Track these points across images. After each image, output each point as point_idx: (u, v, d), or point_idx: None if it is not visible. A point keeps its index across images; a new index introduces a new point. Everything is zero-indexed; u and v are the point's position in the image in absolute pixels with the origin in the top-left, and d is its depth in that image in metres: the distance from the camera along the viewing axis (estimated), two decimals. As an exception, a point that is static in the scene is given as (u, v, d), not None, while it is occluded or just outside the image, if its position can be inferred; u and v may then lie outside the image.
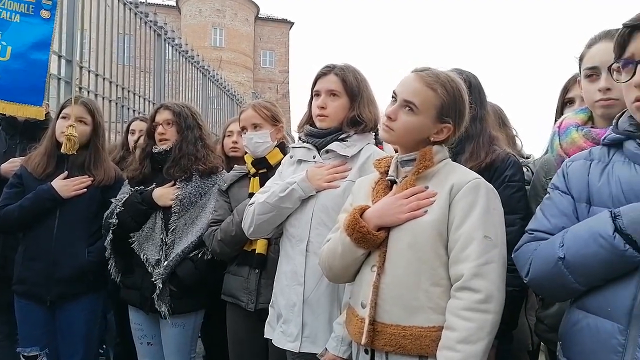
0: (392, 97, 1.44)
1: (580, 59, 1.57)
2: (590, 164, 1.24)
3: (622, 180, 1.14)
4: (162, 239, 2.30)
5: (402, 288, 1.31)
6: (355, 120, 1.85)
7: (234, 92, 9.02)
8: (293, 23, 33.75)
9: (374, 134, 1.91)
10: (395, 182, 1.46)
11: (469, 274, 1.22)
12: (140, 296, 2.32)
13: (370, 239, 1.37)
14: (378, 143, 1.94)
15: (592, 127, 1.56)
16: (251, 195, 2.13)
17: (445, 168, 1.41)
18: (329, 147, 1.84)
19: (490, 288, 1.21)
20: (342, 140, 1.84)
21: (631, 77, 1.11)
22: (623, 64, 1.13)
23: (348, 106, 1.86)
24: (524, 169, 2.31)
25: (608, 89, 1.44)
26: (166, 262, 2.26)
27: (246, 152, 2.35)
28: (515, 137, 2.38)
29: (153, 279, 2.26)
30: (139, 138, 3.10)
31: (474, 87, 1.94)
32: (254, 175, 2.25)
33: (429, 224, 1.31)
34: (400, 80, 1.45)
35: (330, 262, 1.48)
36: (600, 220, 1.10)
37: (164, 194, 2.34)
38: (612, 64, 1.17)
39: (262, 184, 2.07)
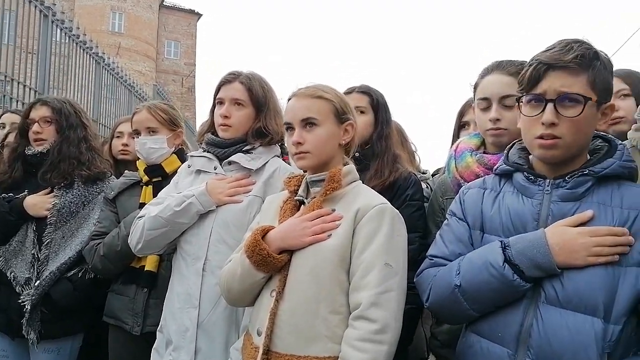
0: (287, 129, 1.42)
1: (475, 87, 1.65)
2: (484, 192, 1.29)
3: (511, 210, 1.19)
4: (33, 254, 2.01)
5: (300, 315, 1.26)
6: (260, 132, 1.77)
7: (133, 82, 8.40)
8: (201, 15, 32.59)
9: (279, 146, 1.85)
10: (304, 203, 1.41)
11: (367, 303, 1.20)
12: (6, 319, 2.01)
13: (271, 262, 1.31)
14: None
15: (484, 153, 1.64)
16: (142, 205, 1.94)
17: (353, 191, 1.39)
18: (231, 158, 1.74)
19: (387, 318, 1.20)
20: (247, 152, 1.76)
21: (539, 113, 1.14)
22: (533, 98, 1.16)
23: (253, 116, 1.77)
24: (424, 185, 2.41)
25: (498, 119, 1.51)
26: (38, 282, 1.98)
27: (138, 157, 2.14)
28: (415, 153, 2.46)
29: (21, 300, 1.97)
30: (7, 134, 2.69)
31: (381, 105, 1.98)
32: (147, 184, 2.06)
33: (332, 248, 1.28)
34: (285, 110, 1.44)
35: (230, 284, 1.40)
36: (492, 250, 1.15)
37: (37, 203, 2.05)
38: (522, 95, 1.19)
39: (155, 194, 1.90)
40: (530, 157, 1.25)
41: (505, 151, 1.32)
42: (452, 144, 1.90)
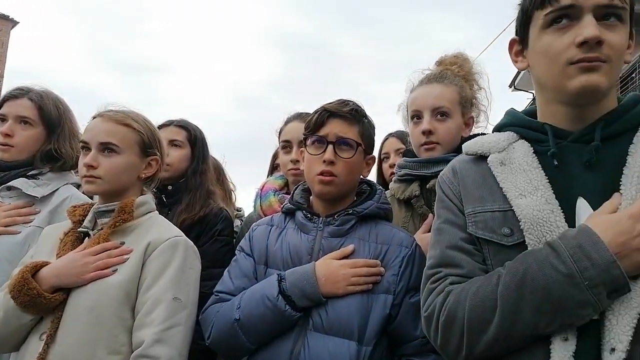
0: (83, 147, 1.34)
1: (280, 132, 1.87)
2: (271, 229, 1.37)
3: (291, 245, 1.29)
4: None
5: (72, 359, 1.15)
6: (51, 155, 1.61)
7: None
8: (17, 22, 28.68)
9: (74, 172, 1.68)
10: (89, 235, 1.30)
11: (151, 340, 1.16)
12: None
13: (42, 303, 1.17)
14: None
15: (286, 193, 1.79)
16: None
17: (147, 222, 1.33)
18: (11, 183, 1.54)
19: (171, 354, 1.17)
20: (32, 177, 1.57)
21: (321, 153, 1.28)
22: (317, 139, 1.30)
23: (43, 138, 1.61)
24: (237, 222, 2.44)
25: (297, 161, 1.69)
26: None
27: None
28: (232, 192, 2.49)
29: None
30: None
31: (199, 140, 1.99)
32: None
33: (117, 284, 1.20)
34: (86, 128, 1.37)
35: None
36: (269, 283, 1.22)
37: None
38: (307, 137, 1.34)
39: None
40: (311, 197, 1.39)
41: (292, 191, 1.43)
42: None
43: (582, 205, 0.88)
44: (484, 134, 1.53)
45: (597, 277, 0.78)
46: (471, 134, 1.57)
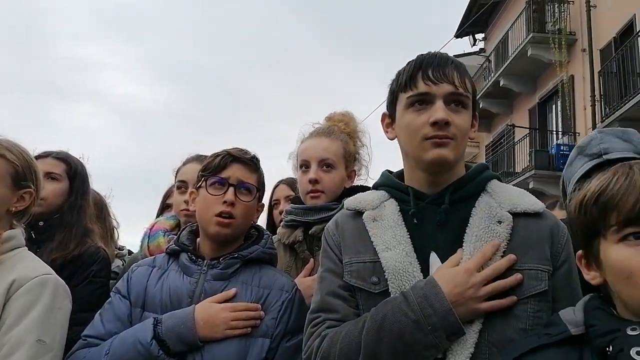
0: None
1: (177, 172, 1.90)
2: (152, 270, 1.34)
3: (171, 288, 1.28)
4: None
5: None
6: None
7: None
8: None
9: None
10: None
11: None
12: None
13: None
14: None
15: (176, 234, 1.73)
16: None
17: (13, 258, 1.23)
18: None
19: None
20: None
21: (222, 194, 1.31)
22: (217, 181, 1.33)
23: None
24: (119, 262, 2.31)
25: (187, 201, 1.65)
26: None
27: None
28: (115, 229, 2.36)
29: None
30: None
31: (79, 174, 1.89)
32: None
33: None
34: None
35: None
36: (144, 328, 1.19)
37: None
38: (207, 178, 1.34)
39: None
40: (198, 239, 1.39)
41: (179, 233, 1.43)
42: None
43: (433, 259, 1.03)
44: (365, 186, 1.68)
45: (437, 323, 0.91)
46: (353, 185, 1.71)
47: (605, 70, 9.10)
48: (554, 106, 12.18)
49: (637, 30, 8.30)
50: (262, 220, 2.60)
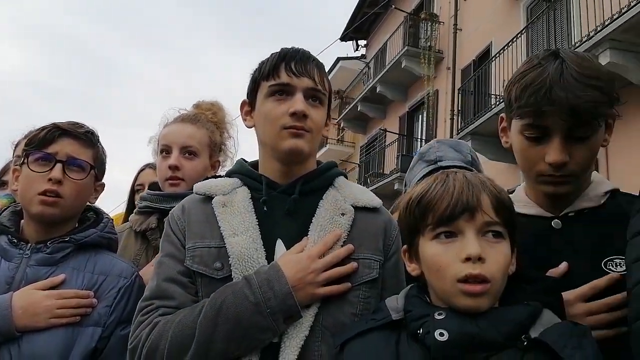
0: None
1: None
2: None
3: None
4: None
5: None
6: None
7: None
8: None
9: None
10: None
11: None
12: None
13: None
14: None
15: None
16: None
17: None
18: None
19: None
20: None
21: (47, 171, 1.19)
22: (43, 157, 1.21)
23: None
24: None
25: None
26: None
27: None
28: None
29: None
30: None
31: None
32: None
33: None
34: None
35: None
36: None
37: None
38: (29, 154, 1.22)
39: None
40: (22, 221, 1.27)
41: None
42: None
43: (279, 246, 1.05)
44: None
45: (276, 306, 0.94)
46: (216, 175, 1.69)
47: (464, 88, 10.16)
48: (420, 116, 13.33)
49: (492, 55, 9.40)
50: (123, 205, 2.46)
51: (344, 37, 17.24)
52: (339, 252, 1.03)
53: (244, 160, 1.23)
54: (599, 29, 6.13)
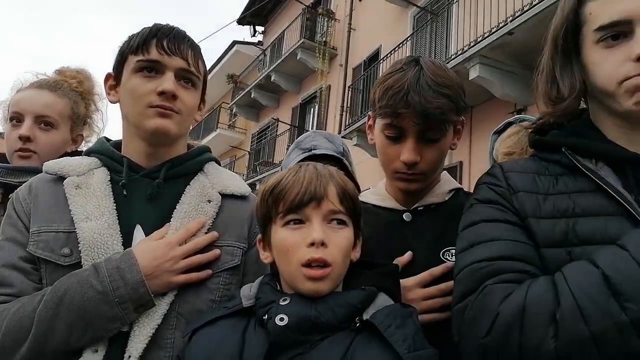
0: None
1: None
2: None
3: None
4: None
5: None
6: None
7: None
8: None
9: None
10: None
11: None
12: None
13: None
14: None
15: None
16: None
17: None
18: None
19: None
20: None
21: None
22: None
23: None
24: None
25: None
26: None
27: None
28: None
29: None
30: None
31: None
32: None
33: None
34: None
35: None
36: None
37: None
38: None
39: None
40: None
41: None
42: None
43: (138, 233, 1.01)
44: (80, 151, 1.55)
45: (126, 295, 0.90)
46: (77, 150, 1.56)
47: (354, 86, 10.60)
48: (312, 109, 13.62)
49: (380, 58, 9.92)
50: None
51: (241, 21, 16.88)
52: (199, 240, 1.01)
53: (106, 139, 1.15)
54: (471, 44, 6.78)
